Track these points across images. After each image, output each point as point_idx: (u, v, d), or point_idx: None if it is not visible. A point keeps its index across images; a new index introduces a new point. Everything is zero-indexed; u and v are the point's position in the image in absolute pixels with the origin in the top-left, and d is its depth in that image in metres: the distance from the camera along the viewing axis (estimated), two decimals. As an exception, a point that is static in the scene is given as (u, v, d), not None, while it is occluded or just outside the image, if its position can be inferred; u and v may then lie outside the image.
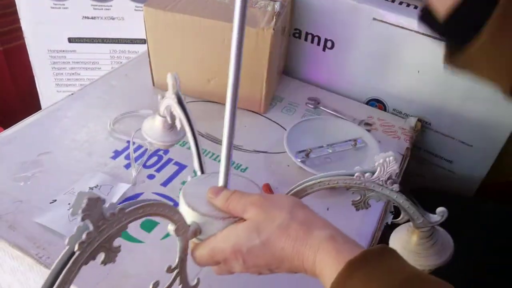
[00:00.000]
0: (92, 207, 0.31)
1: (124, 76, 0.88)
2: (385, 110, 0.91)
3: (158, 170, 0.68)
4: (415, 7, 0.82)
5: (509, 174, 0.95)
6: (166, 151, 0.72)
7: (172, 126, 0.54)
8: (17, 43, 1.19)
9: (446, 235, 0.47)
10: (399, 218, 0.45)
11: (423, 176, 0.94)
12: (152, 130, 0.55)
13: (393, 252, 0.36)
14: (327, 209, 0.66)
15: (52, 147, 0.69)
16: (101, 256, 0.33)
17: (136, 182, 0.65)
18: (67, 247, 0.31)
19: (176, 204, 0.62)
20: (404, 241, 0.46)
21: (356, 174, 0.42)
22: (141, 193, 0.64)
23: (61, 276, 0.31)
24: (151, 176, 0.67)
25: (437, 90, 0.83)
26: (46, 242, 0.55)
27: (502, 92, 0.42)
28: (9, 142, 0.69)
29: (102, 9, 1.08)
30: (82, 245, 0.31)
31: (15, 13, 1.09)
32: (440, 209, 0.44)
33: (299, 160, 0.72)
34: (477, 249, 0.68)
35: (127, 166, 0.68)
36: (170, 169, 0.69)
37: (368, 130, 0.82)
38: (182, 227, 0.40)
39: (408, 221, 0.45)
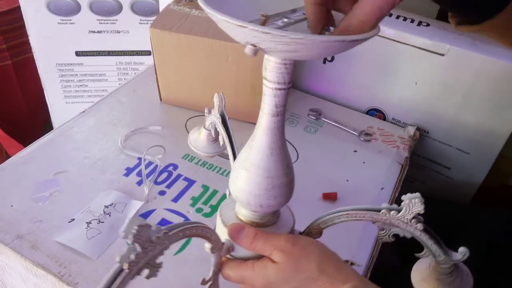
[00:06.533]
0: (142, 232, 0.35)
1: (132, 92, 0.91)
2: (384, 119, 0.94)
3: (168, 186, 0.71)
4: (412, 21, 0.85)
5: (505, 178, 0.98)
6: (175, 167, 0.75)
7: (215, 139, 0.60)
8: (25, 56, 1.22)
9: (467, 273, 0.48)
10: (422, 253, 0.46)
11: (423, 181, 0.97)
12: (197, 141, 0.62)
13: None
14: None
15: (67, 165, 0.73)
16: (145, 272, 0.37)
17: (148, 199, 0.68)
18: (117, 265, 0.35)
19: (187, 219, 0.66)
20: (425, 274, 0.47)
21: (382, 211, 0.43)
22: (154, 210, 0.67)
23: None
24: (162, 192, 0.70)
25: (434, 100, 0.86)
26: (67, 260, 0.58)
27: None
28: (25, 163, 0.72)
29: (107, 23, 1.11)
30: (131, 264, 0.35)
31: (23, 27, 1.12)
32: (462, 249, 0.45)
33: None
34: (477, 254, 0.70)
35: (139, 182, 0.71)
36: (180, 184, 0.72)
37: (369, 140, 0.85)
38: (217, 246, 0.43)
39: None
